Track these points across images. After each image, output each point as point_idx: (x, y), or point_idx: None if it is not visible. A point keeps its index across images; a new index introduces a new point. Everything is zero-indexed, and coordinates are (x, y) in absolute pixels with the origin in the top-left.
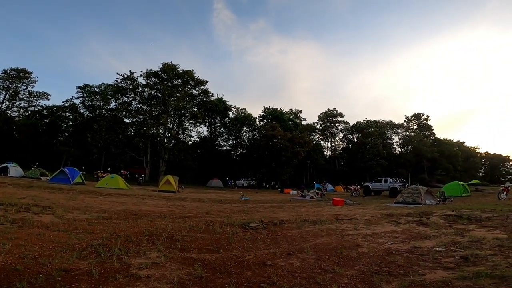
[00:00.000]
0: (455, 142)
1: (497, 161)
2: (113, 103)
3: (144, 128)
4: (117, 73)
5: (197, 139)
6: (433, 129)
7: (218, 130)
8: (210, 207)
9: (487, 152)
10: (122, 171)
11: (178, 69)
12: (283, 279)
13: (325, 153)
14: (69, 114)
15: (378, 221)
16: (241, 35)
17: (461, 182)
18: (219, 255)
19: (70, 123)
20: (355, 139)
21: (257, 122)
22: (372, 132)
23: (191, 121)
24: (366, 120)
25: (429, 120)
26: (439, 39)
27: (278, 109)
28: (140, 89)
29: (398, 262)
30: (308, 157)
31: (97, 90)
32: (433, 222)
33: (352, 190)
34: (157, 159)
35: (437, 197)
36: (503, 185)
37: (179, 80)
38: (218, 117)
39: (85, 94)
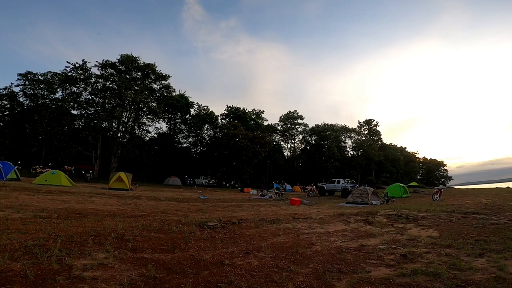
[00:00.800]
0: (398, 147)
1: (432, 165)
2: (60, 93)
3: (95, 121)
4: (68, 62)
5: (155, 135)
6: (381, 135)
7: (178, 126)
8: (166, 206)
9: (424, 157)
10: (65, 166)
11: (139, 62)
12: (241, 278)
13: (284, 153)
14: (6, 102)
15: (330, 220)
16: (210, 31)
17: (402, 184)
18: (174, 255)
19: (7, 112)
20: (313, 141)
21: (219, 121)
22: (328, 135)
23: (149, 116)
24: (323, 123)
25: (378, 126)
26: (394, 49)
27: (241, 109)
28: (93, 79)
29: (347, 260)
30: (268, 157)
31: (42, 78)
32: (378, 221)
33: (308, 190)
34: (108, 155)
35: (381, 197)
36: (436, 187)
37: (139, 73)
38: (179, 113)
39: (27, 82)
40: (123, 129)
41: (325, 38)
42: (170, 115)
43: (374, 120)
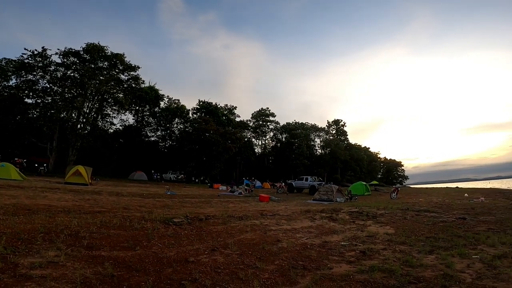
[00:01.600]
0: (363, 147)
1: (392, 165)
2: (14, 81)
3: (52, 111)
4: (25, 49)
5: (120, 128)
6: (347, 135)
7: (146, 119)
8: (129, 202)
9: (385, 157)
10: (16, 159)
11: (106, 51)
12: (205, 276)
13: (255, 150)
14: None
15: (297, 217)
16: (187, 24)
17: (364, 183)
18: (135, 252)
19: None
20: (284, 139)
21: (191, 115)
22: (299, 134)
23: (114, 108)
24: (294, 121)
25: (345, 126)
26: (365, 53)
27: (213, 104)
28: (53, 67)
29: (312, 257)
30: (239, 153)
31: None
32: (341, 218)
33: (278, 187)
34: (66, 147)
35: (345, 195)
36: (394, 186)
37: (106, 63)
38: (147, 106)
39: None
40: (84, 120)
41: (302, 38)
42: (138, 107)
43: (341, 120)
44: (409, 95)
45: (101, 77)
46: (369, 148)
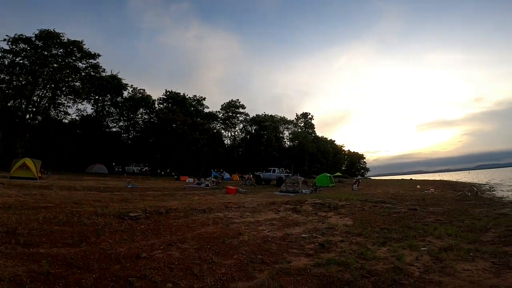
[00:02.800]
0: (329, 140)
1: (355, 158)
2: None
3: None
4: None
5: (77, 118)
6: (315, 128)
7: (107, 109)
8: (82, 196)
9: (349, 150)
10: None
11: (62, 38)
12: (157, 272)
13: (225, 142)
14: None
15: (262, 209)
16: (159, 13)
17: (329, 174)
18: (80, 249)
19: None
20: (253, 130)
21: (156, 105)
22: (268, 126)
23: (69, 97)
24: (264, 114)
25: (313, 119)
26: (335, 49)
27: (181, 94)
28: (0, 54)
29: (271, 250)
30: (208, 144)
31: None
32: (304, 209)
33: (246, 179)
34: (13, 139)
35: (311, 186)
36: (356, 178)
37: (61, 50)
38: (108, 95)
39: None
40: (34, 109)
41: (276, 32)
42: (97, 97)
43: (310, 113)
44: (373, 92)
45: (55, 65)
46: (334, 141)
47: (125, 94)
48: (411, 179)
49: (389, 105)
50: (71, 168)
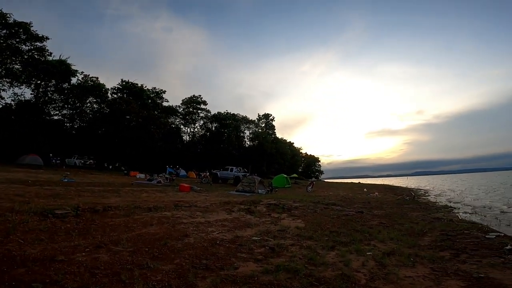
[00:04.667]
0: (288, 142)
1: (311, 160)
2: None
3: None
4: None
5: (12, 103)
6: (275, 129)
7: (50, 95)
8: (2, 190)
9: (306, 153)
10: None
11: (8, 19)
12: (74, 277)
13: (183, 138)
14: None
15: (215, 208)
16: (127, 0)
17: (285, 175)
18: None
19: None
20: (214, 128)
21: (110, 95)
22: (229, 124)
23: (6, 80)
24: (226, 112)
25: (274, 120)
26: (300, 54)
27: (139, 85)
28: None
29: (219, 254)
30: (165, 139)
31: None
32: (258, 210)
33: (202, 176)
34: None
35: (267, 187)
36: (310, 180)
37: (5, 31)
38: (53, 81)
39: None
40: None
41: (247, 31)
42: (39, 82)
43: (271, 115)
44: (331, 98)
45: None
46: (293, 143)
47: (74, 80)
48: (359, 182)
49: (344, 112)
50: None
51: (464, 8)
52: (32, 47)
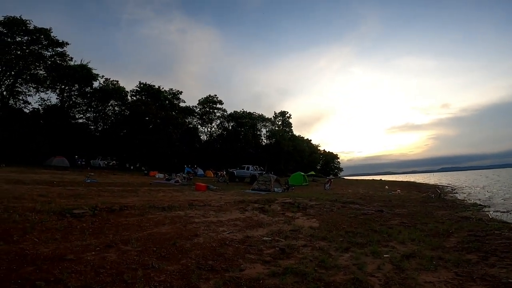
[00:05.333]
0: (305, 139)
1: (329, 157)
2: None
3: None
4: None
5: (40, 107)
6: (292, 126)
7: (74, 100)
8: (27, 191)
9: (324, 150)
10: None
11: (29, 25)
12: (78, 276)
13: (201, 137)
14: None
15: (229, 208)
16: (141, 4)
17: (303, 173)
18: None
19: None
20: (230, 127)
21: (129, 97)
22: (245, 122)
23: (31, 85)
24: (242, 110)
25: (290, 118)
26: (316, 50)
27: (156, 87)
28: None
29: (226, 254)
30: (183, 139)
31: None
32: (272, 209)
33: (219, 175)
34: None
35: (283, 185)
36: (328, 177)
37: (26, 38)
38: (76, 85)
39: None
40: None
41: (260, 30)
42: (63, 86)
43: (287, 112)
44: (348, 93)
45: (18, 52)
46: (311, 140)
47: (96, 84)
48: (380, 179)
49: (362, 108)
50: (29, 160)
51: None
52: (53, 53)
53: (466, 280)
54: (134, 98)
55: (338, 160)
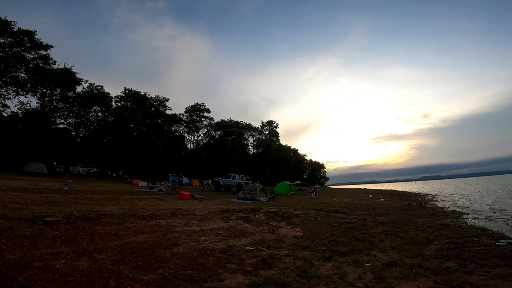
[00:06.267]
0: (292, 149)
1: (316, 167)
2: None
3: None
4: None
5: (19, 111)
6: (279, 136)
7: (55, 104)
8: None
9: (311, 159)
10: None
11: (13, 27)
12: (45, 284)
13: (187, 146)
14: None
15: (212, 217)
16: (131, 9)
17: (289, 182)
18: None
19: None
20: (217, 136)
21: (114, 103)
22: (232, 131)
23: (10, 88)
24: (229, 119)
25: (278, 127)
26: (304, 60)
27: (142, 93)
28: None
29: (206, 264)
30: (168, 148)
31: None
32: (256, 219)
33: (204, 184)
34: None
35: (269, 194)
36: (313, 186)
37: (10, 39)
38: (58, 89)
39: None
40: None
41: (250, 39)
42: (45, 90)
43: (275, 122)
44: (336, 103)
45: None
46: (297, 150)
47: (80, 89)
48: (365, 188)
49: (349, 118)
50: (4, 166)
51: (467, 10)
52: (36, 55)
53: None
54: (119, 104)
55: (324, 169)
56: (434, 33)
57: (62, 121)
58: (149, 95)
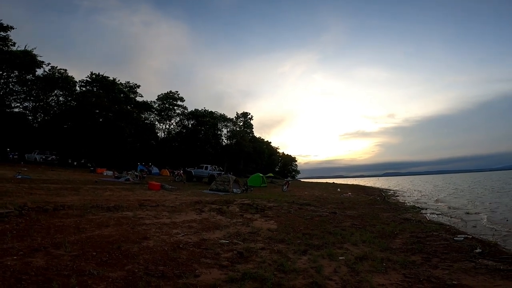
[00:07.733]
0: (265, 141)
1: (288, 160)
2: None
3: None
4: None
5: None
6: (253, 128)
7: (11, 87)
8: None
9: (283, 152)
10: None
11: None
12: None
13: (158, 134)
14: None
15: (184, 208)
16: None
17: (261, 174)
18: None
19: None
20: (190, 125)
21: (78, 88)
22: (206, 121)
23: None
24: (203, 109)
25: (252, 119)
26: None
27: (110, 78)
28: None
29: (180, 259)
30: (138, 135)
31: None
32: (230, 211)
33: (175, 174)
34: None
35: (242, 186)
36: (286, 179)
37: None
38: (16, 72)
39: None
40: None
41: (228, 29)
42: (0, 72)
43: (249, 113)
44: (309, 98)
45: None
46: (270, 142)
47: (40, 72)
48: (333, 182)
49: (321, 113)
50: None
51: (435, 15)
52: None
53: (414, 282)
54: (84, 89)
55: (296, 162)
56: (401, 35)
57: (18, 104)
58: (118, 80)
